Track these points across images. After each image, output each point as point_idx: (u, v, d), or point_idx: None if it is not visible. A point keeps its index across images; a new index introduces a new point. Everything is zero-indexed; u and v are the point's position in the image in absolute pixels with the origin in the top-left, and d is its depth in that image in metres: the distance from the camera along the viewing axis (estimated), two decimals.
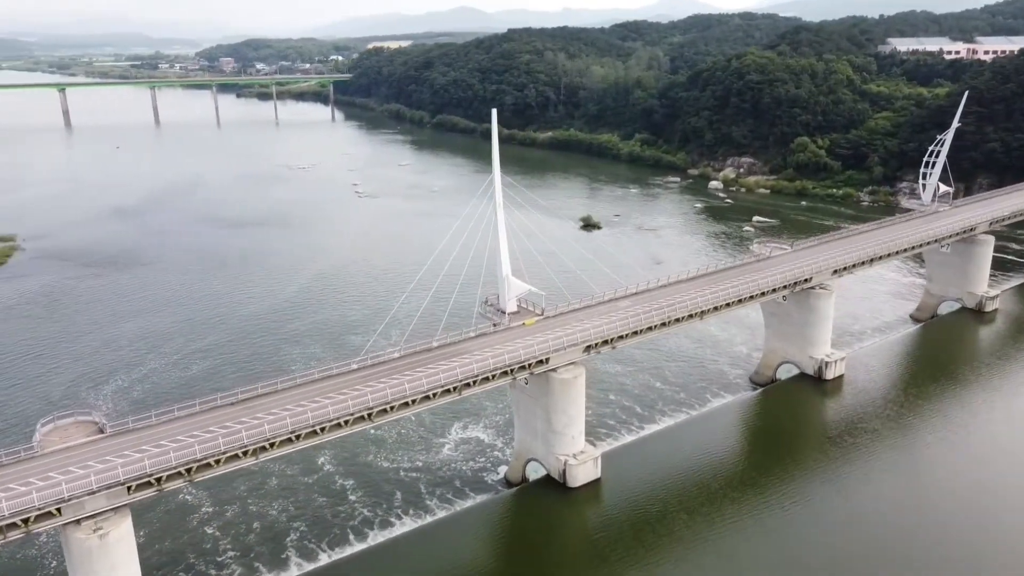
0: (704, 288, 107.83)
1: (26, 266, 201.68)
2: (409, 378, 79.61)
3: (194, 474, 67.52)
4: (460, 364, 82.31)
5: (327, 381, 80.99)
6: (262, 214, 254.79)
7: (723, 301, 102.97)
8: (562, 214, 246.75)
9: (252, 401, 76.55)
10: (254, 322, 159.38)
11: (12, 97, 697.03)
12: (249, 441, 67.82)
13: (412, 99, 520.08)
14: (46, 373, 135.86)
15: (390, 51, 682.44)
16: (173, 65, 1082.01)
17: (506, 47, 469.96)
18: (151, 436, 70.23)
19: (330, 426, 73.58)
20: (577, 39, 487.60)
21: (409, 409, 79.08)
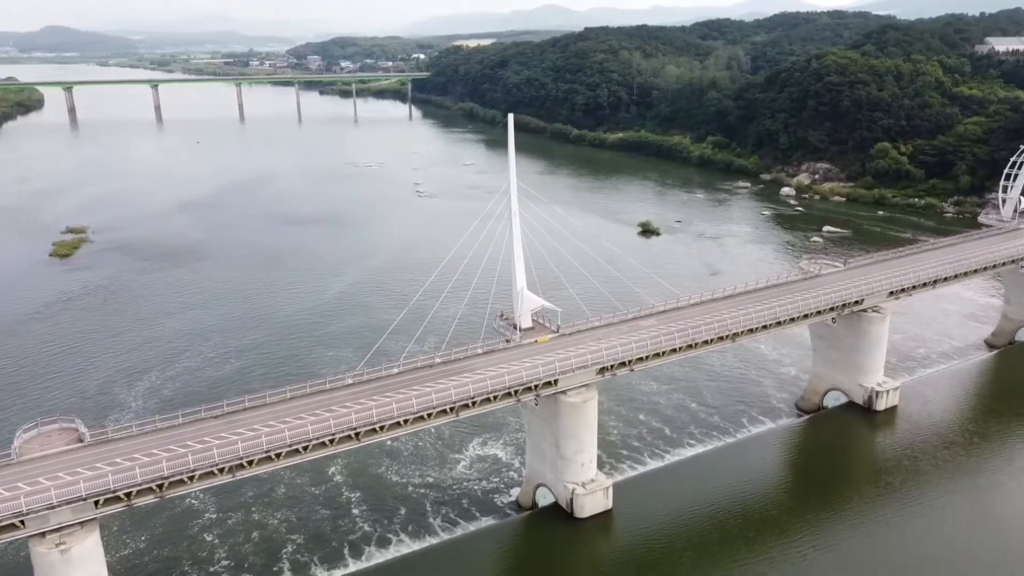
0: (742, 307, 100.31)
1: (91, 258, 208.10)
2: (403, 396, 75.90)
3: (166, 490, 65.45)
4: (458, 384, 78.00)
5: (319, 396, 78.03)
6: (321, 212, 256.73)
7: (759, 323, 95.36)
8: (622, 218, 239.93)
9: (238, 415, 74.14)
10: (293, 322, 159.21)
11: (111, 93, 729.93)
12: (221, 460, 65.07)
13: (486, 97, 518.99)
14: (86, 366, 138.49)
15: (468, 49, 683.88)
16: (263, 62, 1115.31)
17: (581, 46, 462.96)
18: (129, 448, 68.60)
19: (313, 445, 70.43)
20: (655, 38, 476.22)
21: (401, 429, 75.43)
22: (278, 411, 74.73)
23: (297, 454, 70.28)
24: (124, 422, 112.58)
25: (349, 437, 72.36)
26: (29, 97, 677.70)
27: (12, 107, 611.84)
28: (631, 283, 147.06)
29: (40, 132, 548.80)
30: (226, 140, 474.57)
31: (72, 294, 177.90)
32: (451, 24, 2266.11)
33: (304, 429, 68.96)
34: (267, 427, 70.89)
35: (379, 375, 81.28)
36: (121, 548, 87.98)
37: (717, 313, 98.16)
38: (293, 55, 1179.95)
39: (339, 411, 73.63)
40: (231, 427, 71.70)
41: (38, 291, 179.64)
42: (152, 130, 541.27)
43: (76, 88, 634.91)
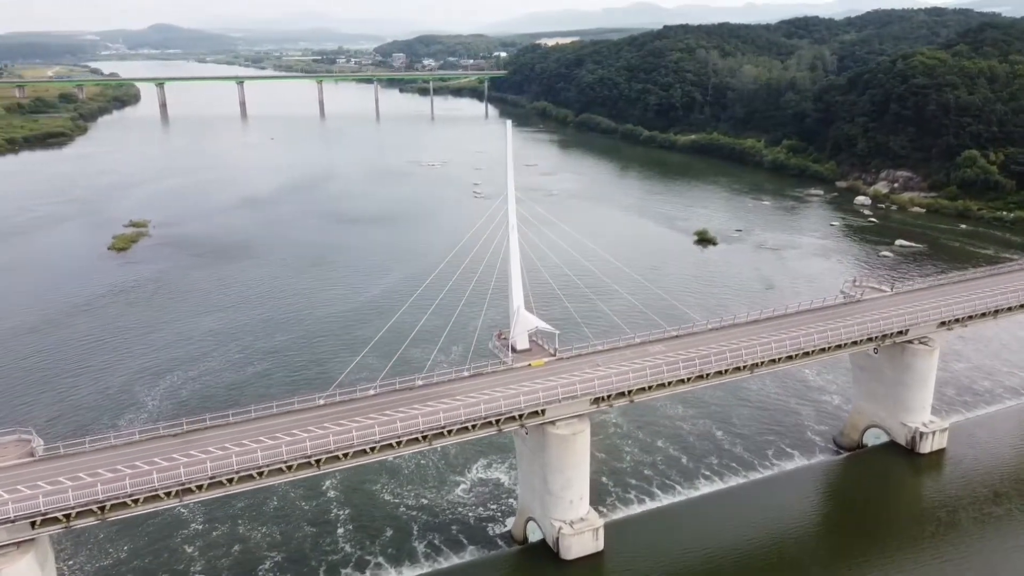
0: (767, 333, 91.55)
1: (147, 252, 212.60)
2: (370, 422, 71.19)
3: (107, 512, 62.54)
4: (430, 412, 72.77)
5: (287, 417, 74.10)
6: (376, 211, 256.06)
7: (781, 353, 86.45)
8: (679, 226, 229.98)
9: (198, 434, 70.87)
10: (325, 324, 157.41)
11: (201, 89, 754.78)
12: (161, 485, 61.76)
13: (560, 97, 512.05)
14: (115, 362, 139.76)
15: (547, 48, 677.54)
16: (349, 60, 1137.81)
17: (657, 44, 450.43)
18: (78, 465, 66.20)
19: (269, 471, 66.50)
20: (735, 36, 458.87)
21: (367, 457, 70.77)
22: (239, 431, 71.24)
23: (252, 479, 66.42)
24: (138, 424, 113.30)
25: (309, 464, 68.09)
26: (126, 92, 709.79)
27: (109, 102, 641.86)
28: (670, 298, 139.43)
29: (131, 126, 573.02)
30: (301, 136, 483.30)
31: (120, 288, 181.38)
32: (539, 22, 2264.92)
33: (254, 456, 64.94)
34: (221, 449, 67.39)
35: (353, 397, 76.75)
36: (102, 558, 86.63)
37: (737, 340, 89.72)
38: (379, 53, 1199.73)
39: (299, 435, 69.54)
40: (188, 446, 68.59)
41: (90, 284, 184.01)
42: (235, 125, 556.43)
43: (168, 84, 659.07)
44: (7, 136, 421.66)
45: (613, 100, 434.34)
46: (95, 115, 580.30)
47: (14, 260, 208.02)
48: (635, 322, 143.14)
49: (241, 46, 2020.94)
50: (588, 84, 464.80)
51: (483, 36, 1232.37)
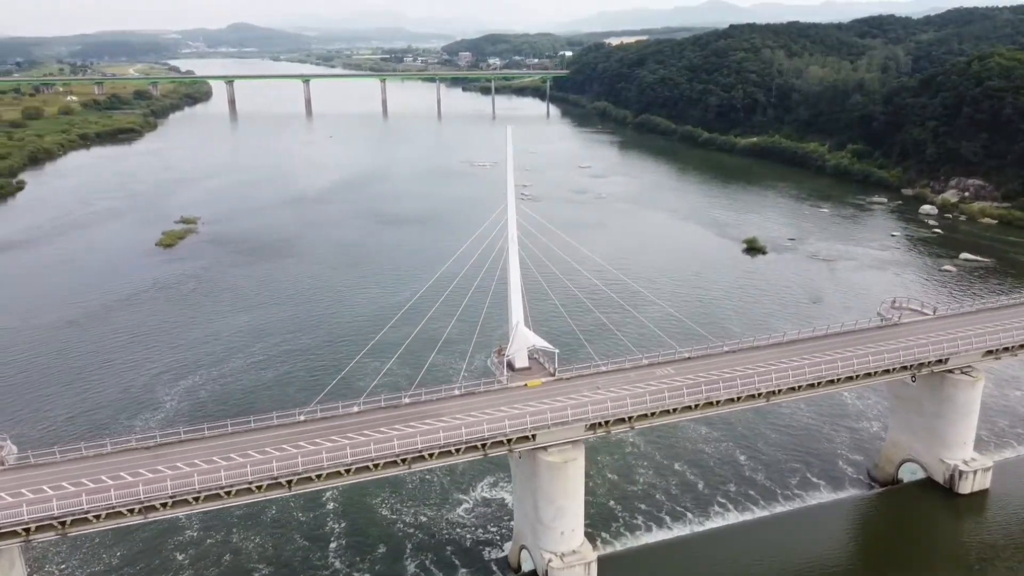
0: (790, 358, 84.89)
1: (193, 249, 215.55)
2: (348, 442, 67.99)
3: (68, 528, 60.91)
4: (408, 433, 69.06)
5: (264, 433, 71.48)
6: (419, 212, 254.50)
7: (801, 382, 79.79)
8: (730, 233, 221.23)
9: (171, 447, 68.89)
10: (353, 326, 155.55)
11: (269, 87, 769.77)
12: (119, 502, 59.77)
13: (620, 97, 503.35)
14: (144, 359, 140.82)
15: (610, 47, 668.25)
16: (416, 59, 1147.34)
17: (721, 44, 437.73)
18: (45, 476, 64.82)
19: (236, 491, 63.95)
20: (804, 36, 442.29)
21: (341, 479, 67.55)
22: (212, 447, 68.98)
23: (218, 499, 63.96)
24: (156, 425, 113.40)
25: (279, 485, 65.26)
26: (198, 90, 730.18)
27: (180, 99, 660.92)
28: (709, 309, 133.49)
29: (199, 122, 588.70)
30: (360, 135, 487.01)
31: (162, 284, 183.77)
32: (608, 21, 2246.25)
33: (217, 475, 62.34)
34: (189, 465, 65.11)
35: (335, 414, 73.62)
36: (94, 563, 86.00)
37: (755, 364, 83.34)
38: (446, 52, 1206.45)
39: (271, 453, 66.78)
40: (157, 461, 66.62)
41: (133, 279, 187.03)
42: (298, 123, 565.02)
43: (237, 82, 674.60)
44: (81, 131, 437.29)
45: (673, 101, 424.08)
46: (166, 112, 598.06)
47: (69, 254, 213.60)
48: (667, 335, 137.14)
49: (314, 44, 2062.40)
50: (649, 84, 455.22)
51: (550, 35, 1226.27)
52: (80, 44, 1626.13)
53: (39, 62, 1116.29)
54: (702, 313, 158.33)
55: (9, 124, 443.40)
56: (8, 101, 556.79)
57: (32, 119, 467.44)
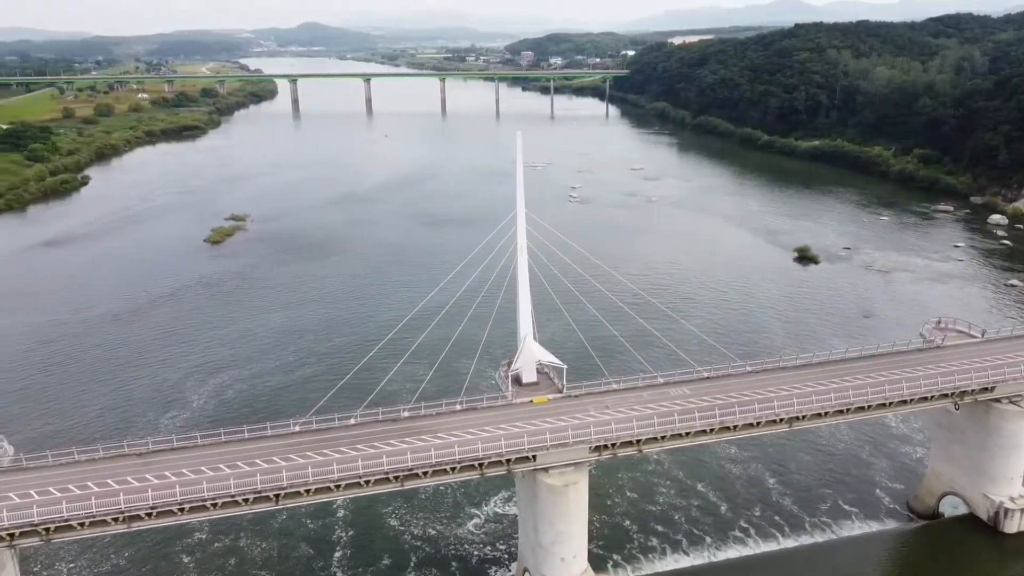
0: (818, 380, 79.68)
1: (240, 246, 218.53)
2: (335, 457, 66.01)
3: (52, 534, 60.47)
4: (400, 450, 66.72)
5: (257, 443, 70.08)
6: (465, 212, 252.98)
7: (826, 407, 74.55)
8: (782, 240, 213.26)
9: (162, 455, 68.06)
10: (386, 328, 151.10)
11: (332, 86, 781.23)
12: (98, 512, 59.08)
13: (679, 97, 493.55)
14: (179, 356, 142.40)
15: (672, 47, 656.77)
16: (478, 58, 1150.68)
17: (785, 44, 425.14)
18: (34, 480, 64.56)
19: (223, 503, 62.57)
20: (873, 35, 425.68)
21: (331, 495, 65.72)
22: (204, 456, 67.89)
23: (203, 510, 62.63)
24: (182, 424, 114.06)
25: (267, 498, 63.73)
26: (263, 88, 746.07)
27: (246, 97, 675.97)
28: (751, 321, 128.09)
29: (262, 121, 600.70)
30: (416, 134, 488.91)
31: (206, 281, 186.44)
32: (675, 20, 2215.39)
33: (199, 487, 61.04)
34: (177, 475, 64.02)
35: (331, 426, 71.75)
36: (103, 563, 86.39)
37: (779, 387, 78.36)
38: (509, 51, 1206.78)
39: (261, 465, 65.29)
40: (147, 468, 65.80)
41: (179, 275, 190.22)
42: (358, 122, 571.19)
43: (300, 81, 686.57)
44: (147, 128, 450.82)
45: (733, 102, 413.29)
46: (231, 110, 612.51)
47: (122, 248, 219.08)
48: (702, 349, 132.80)
49: (381, 44, 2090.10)
50: (708, 85, 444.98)
51: (613, 34, 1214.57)
52: (158, 43, 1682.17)
53: (118, 61, 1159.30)
54: (744, 325, 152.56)
55: (82, 121, 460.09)
56: (84, 99, 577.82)
57: (104, 116, 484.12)
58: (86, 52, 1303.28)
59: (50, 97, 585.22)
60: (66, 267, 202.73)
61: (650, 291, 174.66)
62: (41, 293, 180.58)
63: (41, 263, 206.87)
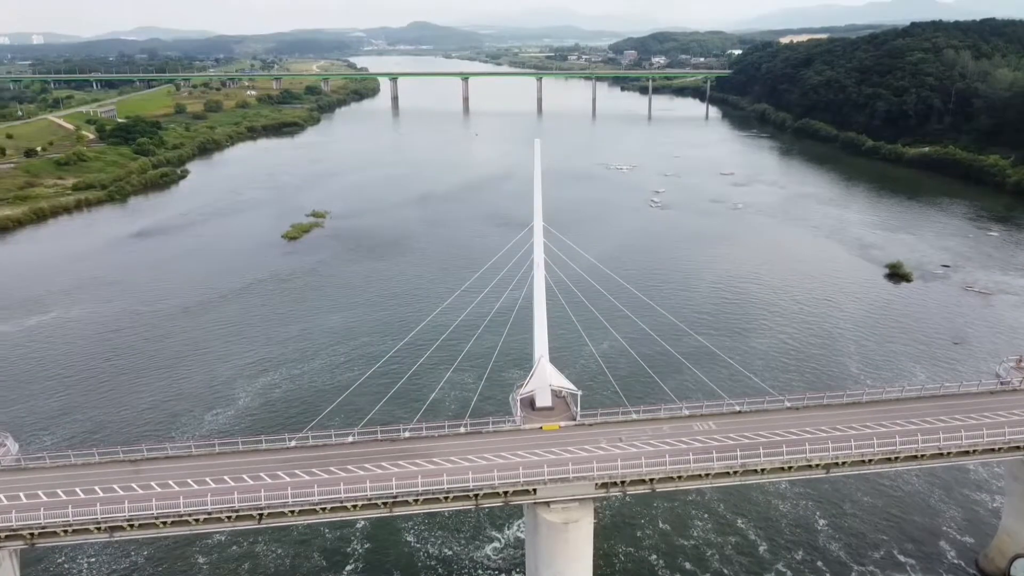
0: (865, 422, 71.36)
1: (314, 243, 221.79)
2: (313, 480, 63.26)
3: (36, 539, 60.27)
4: (383, 475, 63.32)
5: (251, 456, 68.22)
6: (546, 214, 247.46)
7: (869, 454, 66.40)
8: (873, 254, 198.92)
9: (155, 463, 67.12)
10: (439, 333, 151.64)
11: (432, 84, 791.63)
12: (75, 521, 58.32)
13: (782, 99, 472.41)
14: (235, 351, 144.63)
15: (777, 46, 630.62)
16: (580, 57, 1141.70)
17: (898, 43, 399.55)
18: (27, 482, 64.89)
19: (206, 518, 60.88)
20: (998, 34, 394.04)
21: (316, 517, 62.96)
22: (194, 467, 66.60)
23: (186, 524, 61.17)
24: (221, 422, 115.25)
25: (248, 516, 61.52)
26: (365, 86, 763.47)
27: (347, 95, 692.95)
28: (826, 343, 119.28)
29: (361, 118, 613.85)
30: (506, 134, 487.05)
31: (277, 276, 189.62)
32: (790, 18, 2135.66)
33: (176, 502, 59.37)
34: (163, 486, 62.77)
35: (327, 443, 69.12)
36: (122, 560, 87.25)
37: (819, 426, 70.58)
38: (612, 50, 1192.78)
39: (247, 481, 63.28)
40: (136, 477, 65.00)
41: (252, 270, 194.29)
42: (453, 120, 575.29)
43: (400, 79, 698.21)
44: (249, 124, 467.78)
45: (838, 105, 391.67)
46: (333, 107, 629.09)
47: (206, 241, 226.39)
48: (765, 368, 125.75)
49: (487, 43, 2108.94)
50: (812, 86, 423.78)
51: (721, 33, 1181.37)
52: (275, 42, 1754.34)
53: (235, 59, 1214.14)
54: (816, 346, 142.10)
55: (192, 116, 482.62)
56: (197, 95, 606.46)
57: (212, 112, 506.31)
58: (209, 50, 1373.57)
59: (167, 93, 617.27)
60: (151, 258, 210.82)
61: (718, 305, 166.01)
62: (123, 282, 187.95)
63: (129, 253, 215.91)
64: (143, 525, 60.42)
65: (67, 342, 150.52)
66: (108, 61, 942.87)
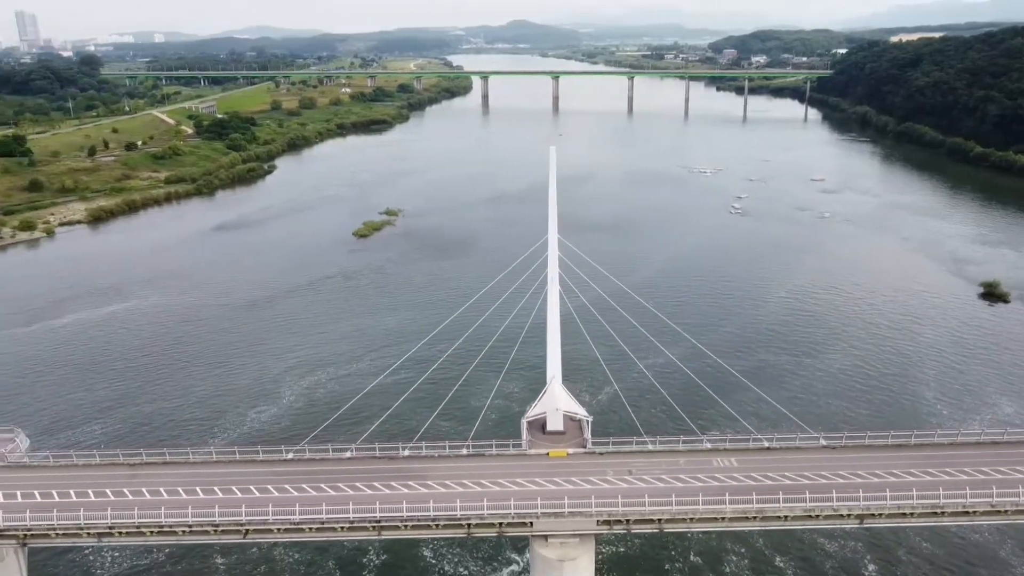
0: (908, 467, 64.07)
1: (384, 241, 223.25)
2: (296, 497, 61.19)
3: (28, 539, 60.65)
4: (369, 496, 60.65)
5: (246, 467, 67.01)
6: (613, 218, 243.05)
7: (905, 507, 59.30)
8: (968, 271, 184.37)
9: (152, 468, 66.84)
10: (490, 338, 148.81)
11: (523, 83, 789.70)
12: (59, 525, 58.39)
13: (885, 101, 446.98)
14: (288, 348, 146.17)
15: (884, 45, 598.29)
16: (677, 56, 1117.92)
17: (1017, 42, 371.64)
18: (25, 480, 65.66)
19: (190, 532, 59.90)
20: None
21: (302, 535, 61.10)
22: (189, 475, 65.95)
23: (173, 535, 60.43)
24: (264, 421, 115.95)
25: (235, 531, 60.17)
26: (458, 84, 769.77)
27: (439, 93, 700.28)
28: (902, 368, 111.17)
29: (450, 116, 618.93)
30: (591, 134, 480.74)
31: (343, 274, 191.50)
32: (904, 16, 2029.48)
33: (157, 512, 58.51)
34: (154, 494, 62.17)
35: (325, 457, 67.14)
36: (144, 556, 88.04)
37: (856, 469, 63.74)
38: (712, 48, 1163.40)
39: (236, 494, 62.02)
40: (132, 482, 64.98)
41: (320, 266, 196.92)
42: (541, 119, 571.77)
43: (492, 77, 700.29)
44: (339, 121, 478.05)
45: (945, 108, 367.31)
46: (423, 104, 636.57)
47: (281, 236, 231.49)
48: (828, 390, 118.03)
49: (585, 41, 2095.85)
50: (918, 88, 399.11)
51: (827, 31, 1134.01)
52: (377, 40, 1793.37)
53: (337, 56, 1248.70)
54: (891, 370, 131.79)
55: (287, 113, 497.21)
56: (295, 92, 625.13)
57: (306, 108, 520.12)
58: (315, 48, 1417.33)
59: (266, 90, 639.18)
60: (228, 251, 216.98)
61: (787, 320, 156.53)
62: (198, 275, 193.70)
63: (208, 246, 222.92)
64: (128, 533, 59.68)
65: (136, 331, 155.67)
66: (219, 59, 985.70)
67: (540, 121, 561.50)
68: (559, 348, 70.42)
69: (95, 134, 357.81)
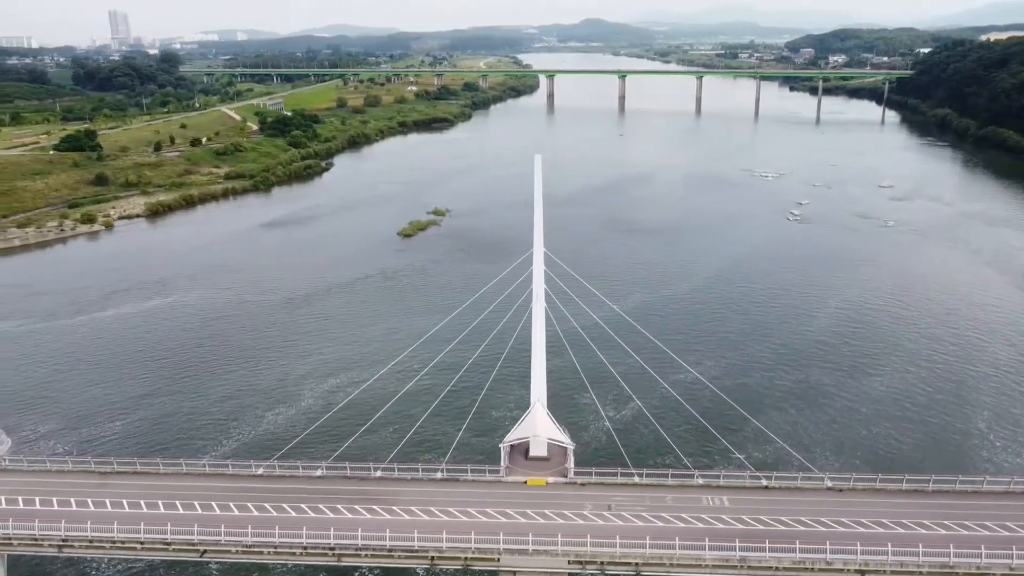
0: (924, 517, 57.64)
1: (427, 241, 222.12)
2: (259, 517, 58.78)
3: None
4: (320, 519, 57.78)
5: (216, 480, 65.15)
6: (668, 222, 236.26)
7: (911, 566, 53.08)
8: None
9: (121, 478, 65.82)
10: (521, 345, 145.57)
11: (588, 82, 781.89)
12: (14, 535, 57.07)
13: (967, 104, 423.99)
14: (317, 348, 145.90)
15: (969, 44, 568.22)
16: (751, 55, 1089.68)
17: None
18: None
19: (142, 548, 58.44)
20: None
21: (262, 557, 58.63)
22: (157, 487, 64.28)
23: (132, 550, 58.71)
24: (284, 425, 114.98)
25: (194, 550, 58.43)
26: (524, 83, 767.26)
27: (504, 91, 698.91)
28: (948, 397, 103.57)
29: (513, 114, 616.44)
30: (654, 135, 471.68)
31: (384, 273, 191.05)
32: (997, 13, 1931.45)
33: (110, 526, 56.81)
34: (116, 506, 60.82)
35: (295, 475, 64.57)
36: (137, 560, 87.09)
37: (859, 516, 57.66)
38: (788, 48, 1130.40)
39: (198, 511, 60.08)
40: (100, 491, 63.83)
41: (362, 265, 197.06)
42: (606, 119, 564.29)
43: (558, 76, 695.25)
44: (401, 119, 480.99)
45: None
46: (487, 103, 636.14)
47: (328, 234, 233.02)
48: (878, 417, 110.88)
49: (660, 40, 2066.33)
50: (1004, 90, 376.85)
51: (912, 30, 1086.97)
52: (451, 39, 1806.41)
53: (409, 54, 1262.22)
54: (945, 394, 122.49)
55: (352, 110, 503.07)
56: (362, 89, 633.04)
57: (371, 106, 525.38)
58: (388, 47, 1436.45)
59: (335, 88, 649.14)
60: (275, 248, 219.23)
61: (836, 334, 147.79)
62: (243, 270, 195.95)
63: (257, 242, 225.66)
64: (82, 546, 58.37)
65: (172, 326, 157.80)
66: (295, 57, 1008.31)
67: (604, 121, 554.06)
68: (544, 370, 66.30)
69: (164, 130, 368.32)
